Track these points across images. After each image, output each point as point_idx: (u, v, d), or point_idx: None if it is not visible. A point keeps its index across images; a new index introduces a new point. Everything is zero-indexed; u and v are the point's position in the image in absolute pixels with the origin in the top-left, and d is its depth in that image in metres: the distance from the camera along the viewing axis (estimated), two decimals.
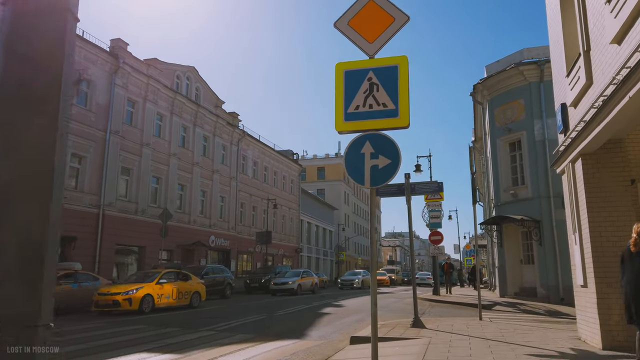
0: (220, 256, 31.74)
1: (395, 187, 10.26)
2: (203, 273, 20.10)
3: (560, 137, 8.18)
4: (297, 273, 25.81)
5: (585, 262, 7.02)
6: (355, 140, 5.24)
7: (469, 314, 14.21)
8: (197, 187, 28.91)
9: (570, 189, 7.53)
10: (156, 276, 14.30)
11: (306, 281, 25.58)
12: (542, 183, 17.91)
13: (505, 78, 19.30)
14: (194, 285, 15.60)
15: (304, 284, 25.06)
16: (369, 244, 23.39)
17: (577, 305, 7.82)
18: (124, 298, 12.86)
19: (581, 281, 7.20)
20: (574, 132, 6.97)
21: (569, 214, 7.74)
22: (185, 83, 28.96)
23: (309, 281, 26.04)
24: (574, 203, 7.38)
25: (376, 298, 4.82)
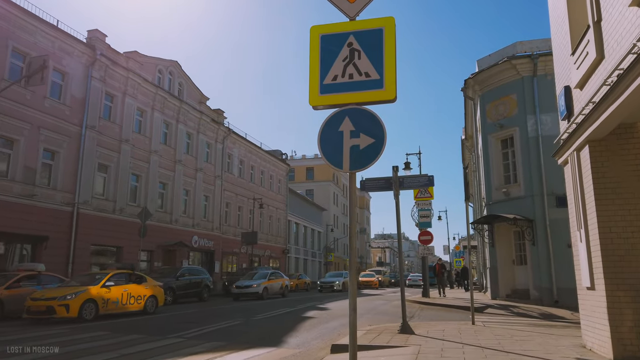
0: (204, 257, 30.76)
1: (382, 181, 9.48)
2: (178, 274, 19.11)
3: (563, 124, 7.45)
4: (264, 274, 23.26)
5: (593, 261, 6.28)
6: (333, 116, 4.44)
7: (460, 317, 13.48)
8: (179, 185, 27.91)
9: (575, 180, 6.79)
10: (103, 278, 12.59)
11: (274, 284, 23.34)
12: (535, 181, 17.27)
13: (498, 72, 18.64)
14: (150, 288, 13.88)
15: (271, 287, 22.82)
16: (358, 244, 22.50)
17: (581, 310, 7.08)
18: (60, 304, 11.06)
19: (587, 283, 6.46)
20: (580, 117, 6.23)
21: (573, 209, 7.01)
22: (167, 78, 27.97)
23: (278, 283, 23.80)
24: (579, 196, 6.64)
25: (355, 303, 4.01)
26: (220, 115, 33.01)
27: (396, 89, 4.28)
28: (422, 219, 20.14)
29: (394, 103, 4.39)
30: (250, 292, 21.35)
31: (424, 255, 20.36)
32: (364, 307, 16.38)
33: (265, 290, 21.80)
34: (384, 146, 4.21)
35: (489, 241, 19.25)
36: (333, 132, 4.37)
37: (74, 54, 21.00)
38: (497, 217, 17.79)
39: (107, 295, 12.15)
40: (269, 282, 22.66)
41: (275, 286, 23.21)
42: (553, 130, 17.34)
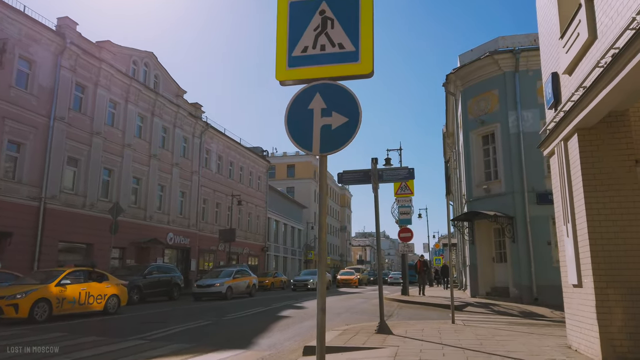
0: (179, 255, 29.94)
1: (361, 174, 9.02)
2: (146, 272, 18.24)
3: (549, 114, 7.09)
4: (228, 273, 21.42)
5: (581, 257, 5.92)
6: (302, 92, 3.94)
7: (440, 316, 13.15)
8: (154, 180, 27.05)
9: (562, 172, 6.42)
10: (58, 276, 11.64)
11: (240, 282, 21.60)
12: (516, 177, 17.07)
13: (479, 67, 18.40)
14: (112, 287, 12.93)
15: (236, 286, 21.08)
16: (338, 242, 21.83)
17: (567, 308, 6.73)
18: (8, 303, 10.26)
19: (574, 280, 6.11)
20: (569, 104, 5.87)
21: (559, 202, 6.65)
22: (142, 69, 27.06)
23: (244, 282, 22.04)
24: (566, 189, 6.29)
25: (324, 302, 3.53)
26: (198, 110, 32.19)
27: (373, 63, 3.81)
28: (403, 216, 19.82)
29: (370, 78, 3.92)
30: (212, 292, 19.68)
31: (404, 252, 20.04)
32: (341, 306, 15.96)
33: (229, 290, 20.18)
34: (358, 126, 3.74)
35: (469, 238, 19.02)
36: (302, 110, 3.87)
37: (41, 41, 20.03)
38: (478, 214, 17.55)
39: (62, 294, 11.28)
40: (234, 280, 21.01)
41: (240, 285, 21.60)
42: (534, 127, 17.19)
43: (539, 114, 17.19)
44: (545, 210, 16.58)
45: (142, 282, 17.81)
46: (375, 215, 8.74)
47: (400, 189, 20.04)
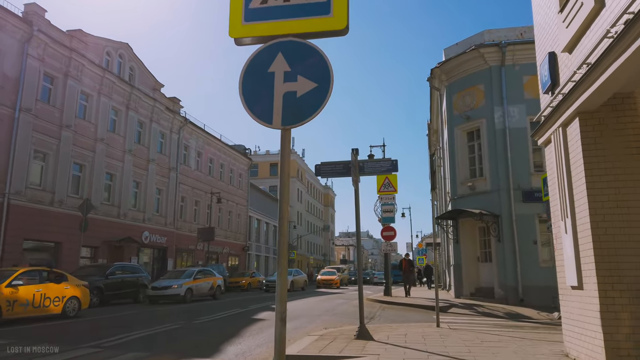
0: (155, 254, 28.90)
1: (340, 166, 8.33)
2: (108, 272, 17.00)
3: (544, 99, 6.50)
4: (190, 273, 19.50)
5: (582, 255, 5.31)
6: (260, 52, 3.22)
7: (423, 318, 12.54)
8: (128, 177, 25.98)
9: (559, 162, 5.81)
10: (9, 276, 10.64)
11: (202, 284, 19.52)
12: (502, 175, 16.59)
13: (465, 61, 17.88)
14: (71, 288, 11.89)
15: (197, 288, 19.10)
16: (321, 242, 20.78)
17: (564, 312, 6.12)
18: None
19: (573, 281, 5.49)
20: (570, 84, 5.25)
21: (556, 196, 6.03)
22: (117, 61, 25.96)
23: (206, 283, 19.89)
24: (565, 180, 5.67)
25: (284, 310, 2.81)
26: (176, 104, 31.15)
27: (348, 16, 3.11)
28: (385, 214, 19.21)
29: (344, 36, 3.22)
30: (169, 295, 17.53)
31: (386, 252, 19.42)
32: (321, 308, 15.25)
33: (189, 292, 18.21)
34: (329, 93, 3.03)
35: (453, 237, 18.50)
36: (261, 74, 3.15)
37: (6, 27, 18.90)
38: (462, 212, 17.03)
39: (14, 296, 10.26)
40: (195, 282, 18.98)
41: (203, 286, 19.62)
42: (521, 123, 16.74)
43: (526, 109, 16.76)
44: (531, 209, 16.14)
45: (104, 283, 16.39)
46: (355, 211, 8.06)
47: (383, 186, 19.45)
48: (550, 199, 6.44)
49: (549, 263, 15.85)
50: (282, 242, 2.97)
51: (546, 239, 16.30)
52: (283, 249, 2.96)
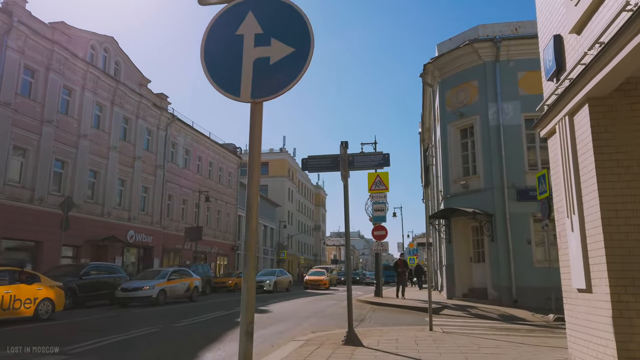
0: (141, 254, 28.20)
1: (329, 160, 7.82)
2: (82, 273, 16.12)
3: (548, 86, 6.03)
4: (164, 273, 18.22)
5: (590, 255, 4.85)
6: (227, 11, 2.71)
7: (415, 320, 12.08)
8: (113, 174, 25.27)
9: (565, 154, 5.35)
10: None
11: (177, 285, 18.13)
12: (496, 173, 16.19)
13: (458, 57, 17.46)
14: (45, 289, 11.23)
15: (172, 289, 17.71)
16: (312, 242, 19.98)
17: (569, 317, 5.66)
18: None
19: (580, 283, 5.03)
20: (579, 67, 4.78)
21: (561, 191, 5.57)
22: (102, 55, 25.23)
23: (182, 285, 18.50)
24: (571, 173, 5.21)
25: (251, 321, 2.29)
26: (164, 100, 30.45)
27: None
28: (377, 213, 18.76)
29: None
30: (139, 297, 16.22)
31: (377, 251, 18.96)
32: (309, 309, 14.73)
33: (162, 294, 16.87)
34: (309, 59, 2.51)
35: (446, 237, 18.08)
36: (227, 37, 2.63)
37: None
38: (455, 211, 16.61)
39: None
40: (169, 282, 17.61)
41: (178, 288, 18.20)
42: (515, 119, 16.36)
43: (520, 106, 16.39)
44: (525, 207, 15.75)
45: (77, 284, 15.41)
46: (344, 207, 7.55)
47: (374, 185, 18.98)
48: (554, 194, 5.98)
49: (543, 263, 15.47)
50: (250, 238, 2.47)
51: (540, 239, 15.91)
52: (251, 244, 2.46)
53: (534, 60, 17.00)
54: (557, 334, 9.83)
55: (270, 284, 25.94)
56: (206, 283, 24.18)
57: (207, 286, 24.17)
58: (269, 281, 26.04)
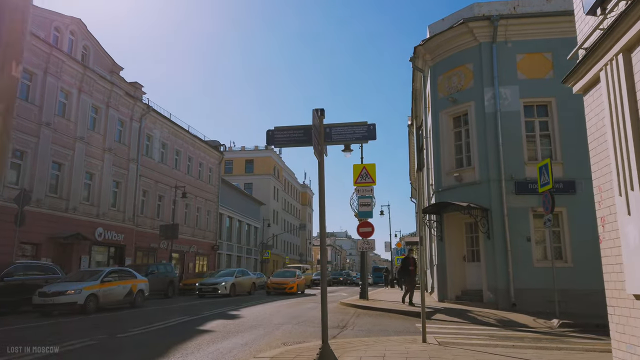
0: (112, 253, 26.33)
1: (300, 131, 6.27)
2: (4, 274, 13.88)
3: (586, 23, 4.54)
4: (97, 275, 14.79)
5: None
6: None
7: (405, 327, 10.60)
8: (80, 167, 23.41)
9: (617, 108, 3.87)
10: None
11: (114, 288, 14.93)
12: (492, 164, 14.80)
13: (452, 38, 16.05)
14: None
15: (107, 294, 14.54)
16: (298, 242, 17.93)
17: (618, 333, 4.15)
18: None
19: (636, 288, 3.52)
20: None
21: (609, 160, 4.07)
22: (68, 38, 23.37)
23: (121, 288, 15.29)
24: (624, 135, 3.71)
25: None
26: (138, 90, 28.59)
27: None
28: (362, 208, 17.28)
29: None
30: (62, 303, 13.08)
31: (363, 250, 17.46)
32: (286, 314, 13.15)
33: (92, 300, 13.71)
34: None
35: (437, 234, 16.64)
36: None
37: None
38: (448, 206, 15.20)
39: None
40: (104, 285, 14.44)
41: (115, 292, 14.97)
42: (513, 105, 14.99)
43: (519, 91, 15.04)
44: (525, 201, 14.39)
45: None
46: (319, 190, 6.01)
47: (360, 177, 17.48)
48: (593, 166, 4.50)
49: (544, 263, 14.13)
50: None
51: (541, 236, 14.57)
52: None
53: (534, 41, 15.72)
54: (571, 345, 8.42)
55: (227, 287, 22.07)
56: (168, 285, 22.19)
57: (169, 288, 22.18)
58: (224, 283, 22.21)
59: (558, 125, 14.69)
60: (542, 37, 15.14)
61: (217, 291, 21.91)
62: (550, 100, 14.89)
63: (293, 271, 27.51)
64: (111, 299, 14.89)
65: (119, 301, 15.28)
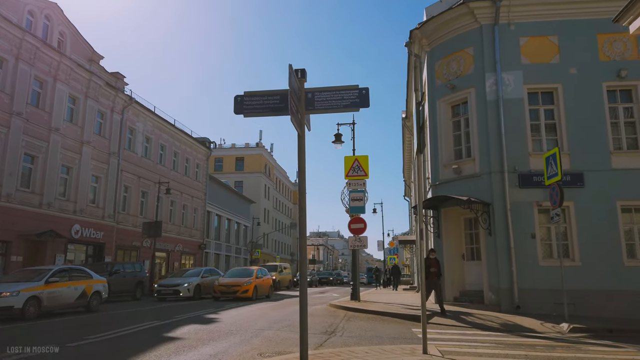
0: (90, 251, 24.96)
1: (275, 97, 5.09)
2: None
3: None
4: (42, 275, 12.71)
5: None
6: None
7: (400, 332, 9.46)
8: (55, 160, 22.02)
9: None
10: None
11: (62, 290, 12.82)
12: (494, 155, 13.71)
13: (451, 20, 14.94)
14: None
15: (54, 296, 12.50)
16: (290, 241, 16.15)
17: None
18: None
19: None
20: None
21: None
22: (43, 23, 21.98)
23: (71, 290, 13.19)
24: None
25: None
26: (119, 80, 27.22)
27: None
28: (354, 203, 16.14)
29: None
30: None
31: (354, 247, 16.31)
32: (270, 318, 11.96)
33: (32, 303, 11.72)
34: None
35: (434, 231, 15.52)
36: None
37: None
38: (447, 200, 14.08)
39: None
40: (49, 286, 12.38)
41: (62, 294, 12.83)
42: (517, 92, 13.92)
43: (523, 76, 13.98)
44: (530, 195, 13.33)
45: None
46: (299, 169, 4.85)
47: (352, 170, 16.25)
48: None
49: (549, 261, 13.09)
50: None
51: (546, 233, 13.52)
52: None
53: (538, 23, 14.58)
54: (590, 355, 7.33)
55: (190, 289, 19.50)
56: (137, 286, 20.27)
57: (137, 290, 20.24)
58: (187, 285, 19.57)
59: (565, 113, 13.64)
60: (548, 19, 14.10)
61: (178, 293, 19.23)
62: (556, 86, 13.84)
63: (251, 270, 21.07)
64: (59, 303, 12.82)
65: (69, 305, 13.25)
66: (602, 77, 13.63)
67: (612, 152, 13.33)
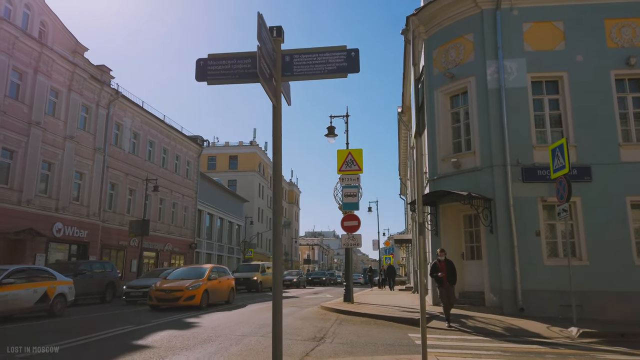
0: (74, 251, 23.95)
1: (245, 62, 4.21)
2: None
3: None
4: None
5: None
6: None
7: (396, 338, 8.60)
8: (36, 155, 21.03)
9: None
10: None
11: (17, 292, 11.29)
12: (496, 148, 12.89)
13: (450, 4, 14.11)
14: None
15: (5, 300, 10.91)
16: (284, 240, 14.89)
17: None
18: None
19: None
20: None
21: None
22: (23, 12, 20.99)
23: (29, 292, 11.67)
24: None
25: None
26: (105, 74, 26.23)
27: None
28: (347, 199, 15.27)
29: None
30: None
31: (348, 246, 15.43)
32: (255, 322, 11.07)
33: None
34: None
35: (432, 228, 14.67)
36: None
37: None
38: (445, 196, 13.23)
39: None
40: (2, 289, 10.85)
41: (18, 297, 11.33)
42: (520, 81, 13.10)
43: (526, 64, 13.16)
44: (534, 190, 12.50)
45: None
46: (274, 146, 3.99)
47: (345, 164, 15.33)
48: None
49: (555, 260, 12.28)
50: None
51: (551, 230, 12.71)
52: None
53: (543, 8, 13.70)
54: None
55: None
56: (107, 287, 18.17)
57: (107, 292, 18.20)
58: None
59: (571, 103, 12.83)
60: (552, 4, 13.29)
61: (146, 296, 16.32)
62: (561, 75, 13.02)
63: (203, 269, 16.44)
64: (15, 307, 11.31)
65: (28, 309, 11.78)
66: (610, 65, 12.82)
67: (621, 145, 12.53)
